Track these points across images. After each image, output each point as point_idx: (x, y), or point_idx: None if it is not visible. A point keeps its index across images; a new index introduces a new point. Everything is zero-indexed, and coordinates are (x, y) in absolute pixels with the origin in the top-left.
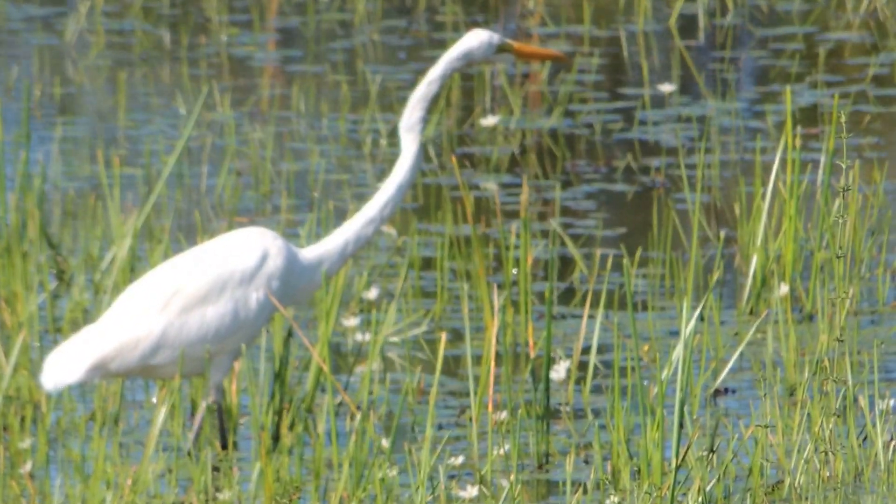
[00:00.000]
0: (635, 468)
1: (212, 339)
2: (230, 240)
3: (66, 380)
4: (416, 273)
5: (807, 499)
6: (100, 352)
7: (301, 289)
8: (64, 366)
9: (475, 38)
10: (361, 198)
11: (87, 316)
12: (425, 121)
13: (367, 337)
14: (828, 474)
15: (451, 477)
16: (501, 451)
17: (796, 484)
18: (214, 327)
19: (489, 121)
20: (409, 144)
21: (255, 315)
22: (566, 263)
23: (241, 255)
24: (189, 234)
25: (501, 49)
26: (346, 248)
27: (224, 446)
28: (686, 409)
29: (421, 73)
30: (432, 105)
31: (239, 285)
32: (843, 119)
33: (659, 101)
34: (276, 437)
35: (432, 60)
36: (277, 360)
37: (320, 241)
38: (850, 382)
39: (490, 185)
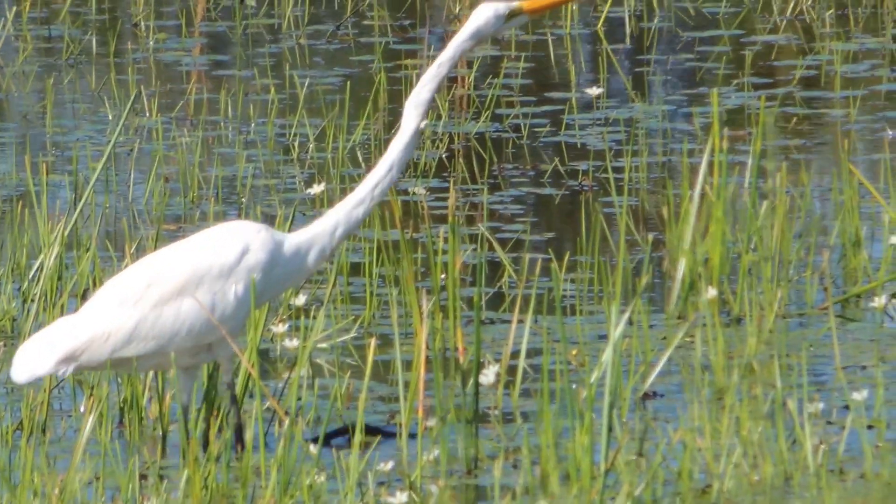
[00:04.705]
0: (564, 472)
1: (186, 334)
2: (211, 233)
3: (36, 371)
4: (345, 279)
5: (736, 503)
6: (71, 343)
7: (287, 276)
8: (34, 357)
9: (482, 16)
10: (290, 203)
11: (14, 325)
12: (430, 103)
13: (296, 343)
14: (756, 478)
15: (381, 483)
16: (431, 457)
17: (725, 488)
18: (189, 321)
19: None
20: (409, 122)
21: (233, 309)
22: (494, 268)
23: (220, 248)
24: (117, 241)
25: (511, 15)
26: (336, 230)
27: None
28: (615, 412)
29: (349, 77)
30: (441, 88)
31: (217, 279)
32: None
33: (586, 105)
34: (204, 445)
35: (360, 65)
36: (206, 366)
37: (309, 225)
38: (778, 386)
39: (418, 190)
